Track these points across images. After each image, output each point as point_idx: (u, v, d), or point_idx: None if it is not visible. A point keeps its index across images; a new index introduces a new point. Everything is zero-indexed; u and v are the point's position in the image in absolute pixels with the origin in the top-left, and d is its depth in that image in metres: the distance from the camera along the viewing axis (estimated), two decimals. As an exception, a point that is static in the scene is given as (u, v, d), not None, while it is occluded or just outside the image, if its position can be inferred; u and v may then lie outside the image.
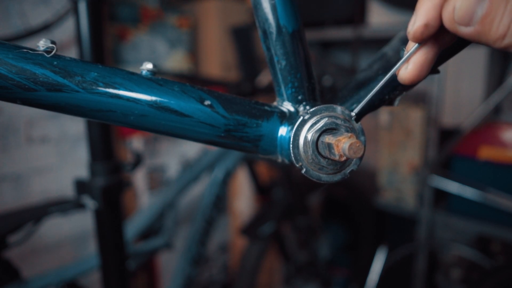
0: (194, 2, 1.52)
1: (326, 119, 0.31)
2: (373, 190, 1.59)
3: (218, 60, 1.51)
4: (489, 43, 0.23)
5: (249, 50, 1.27)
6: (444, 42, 0.27)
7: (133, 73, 0.32)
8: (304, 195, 1.32)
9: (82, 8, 0.62)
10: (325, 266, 1.45)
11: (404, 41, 0.36)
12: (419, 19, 0.25)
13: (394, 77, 0.34)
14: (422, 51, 0.27)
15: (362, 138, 0.32)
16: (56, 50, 0.29)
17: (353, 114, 0.32)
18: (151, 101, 0.31)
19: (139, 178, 1.37)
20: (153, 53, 1.39)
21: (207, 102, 0.32)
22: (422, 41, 0.26)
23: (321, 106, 0.32)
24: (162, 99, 0.31)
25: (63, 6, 0.97)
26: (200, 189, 1.24)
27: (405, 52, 0.28)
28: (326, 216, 1.89)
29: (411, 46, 0.27)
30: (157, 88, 0.31)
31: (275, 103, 0.37)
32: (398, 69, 0.28)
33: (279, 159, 0.36)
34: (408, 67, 0.28)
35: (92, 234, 1.26)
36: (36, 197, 1.13)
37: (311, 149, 0.31)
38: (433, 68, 0.34)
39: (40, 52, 0.29)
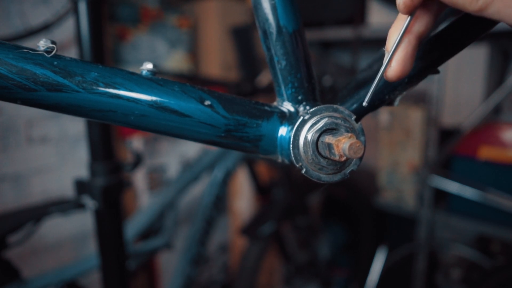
0: (194, 2, 1.52)
1: (326, 119, 0.31)
2: (373, 190, 1.59)
3: (218, 60, 1.51)
4: (466, 6, 0.24)
5: (249, 50, 1.27)
6: (419, 32, 0.28)
7: (133, 73, 0.32)
8: (304, 195, 1.32)
9: (82, 8, 0.62)
10: (325, 266, 1.45)
11: None
12: None
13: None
14: (401, 47, 0.28)
15: (362, 138, 0.32)
16: (57, 50, 0.29)
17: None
18: (152, 101, 0.31)
19: (139, 178, 1.37)
20: (153, 53, 1.39)
21: (207, 102, 0.32)
22: (413, 10, 0.27)
23: (321, 106, 0.32)
24: (162, 99, 0.31)
25: (63, 6, 0.96)
26: (200, 189, 1.24)
27: (385, 52, 0.29)
28: (326, 216, 1.89)
29: (390, 45, 0.29)
30: (157, 88, 0.31)
31: (275, 103, 0.37)
32: (385, 70, 0.29)
33: (279, 159, 0.36)
34: (392, 65, 0.29)
35: (92, 234, 1.26)
36: (36, 197, 1.13)
37: (311, 149, 0.31)
38: (433, 68, 0.34)
39: (40, 52, 0.29)
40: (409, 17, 0.28)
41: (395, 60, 0.28)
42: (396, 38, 0.28)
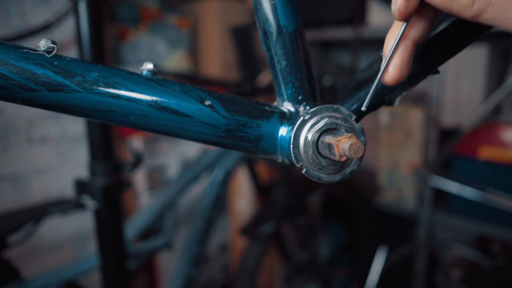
0: (194, 2, 1.52)
1: (327, 119, 0.31)
2: (373, 190, 1.59)
3: (218, 60, 1.51)
4: (460, 12, 0.24)
5: (249, 50, 1.27)
6: (416, 38, 0.29)
7: (133, 73, 0.32)
8: (304, 195, 1.32)
9: (82, 8, 0.62)
10: (325, 266, 1.45)
11: None
12: None
13: None
14: (398, 52, 0.29)
15: (362, 138, 0.32)
16: (57, 50, 0.29)
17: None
18: (152, 101, 0.31)
19: (139, 178, 1.37)
20: (153, 53, 1.39)
21: (207, 102, 0.32)
22: (408, 17, 0.27)
23: (321, 106, 0.32)
24: (162, 99, 0.31)
25: (63, 6, 0.97)
26: (200, 189, 1.24)
27: (383, 57, 0.30)
28: (326, 216, 1.89)
29: (387, 51, 0.29)
30: (157, 88, 0.31)
31: (275, 103, 0.37)
32: (383, 74, 0.30)
33: (279, 159, 0.36)
34: (389, 69, 0.29)
35: (92, 234, 1.26)
36: (36, 197, 1.13)
37: (311, 149, 0.31)
38: (433, 68, 0.34)
39: (40, 52, 0.29)
40: (405, 23, 0.28)
41: (392, 65, 0.29)
42: (392, 44, 0.28)
